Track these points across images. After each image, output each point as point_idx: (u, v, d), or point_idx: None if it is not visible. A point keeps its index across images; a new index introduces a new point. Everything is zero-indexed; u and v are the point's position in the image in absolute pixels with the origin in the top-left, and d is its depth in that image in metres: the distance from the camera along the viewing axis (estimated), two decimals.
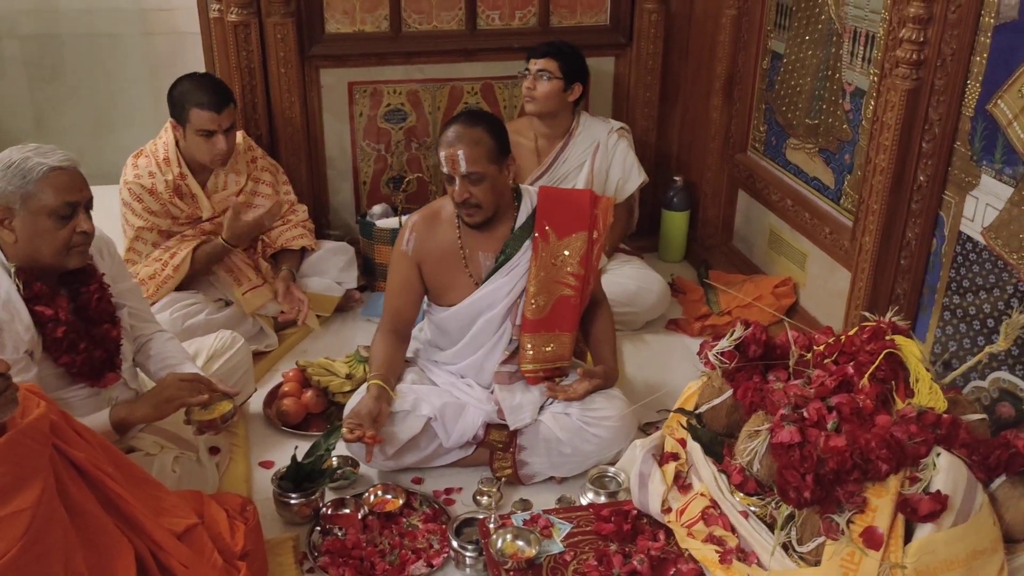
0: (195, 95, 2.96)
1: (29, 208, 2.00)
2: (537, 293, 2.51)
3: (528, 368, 2.54)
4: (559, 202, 2.58)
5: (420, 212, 2.65)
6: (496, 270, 2.53)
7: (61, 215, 2.02)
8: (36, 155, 2.01)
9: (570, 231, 2.53)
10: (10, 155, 2.02)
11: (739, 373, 2.09)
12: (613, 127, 3.42)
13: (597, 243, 2.56)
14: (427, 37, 3.61)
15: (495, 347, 2.58)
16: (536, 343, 2.53)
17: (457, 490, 2.51)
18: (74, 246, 2.06)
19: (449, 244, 2.57)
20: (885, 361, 1.91)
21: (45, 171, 1.99)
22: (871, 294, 2.71)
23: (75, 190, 2.04)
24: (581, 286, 2.54)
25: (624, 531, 2.17)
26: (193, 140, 3.00)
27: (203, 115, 2.95)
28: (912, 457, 1.76)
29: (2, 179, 1.99)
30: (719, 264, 3.70)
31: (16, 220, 2.01)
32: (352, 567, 2.20)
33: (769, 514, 1.89)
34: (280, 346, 3.19)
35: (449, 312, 2.59)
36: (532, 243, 2.52)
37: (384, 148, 3.75)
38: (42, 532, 1.60)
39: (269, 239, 3.31)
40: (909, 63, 2.48)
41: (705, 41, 3.66)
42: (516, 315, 2.54)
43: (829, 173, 3.09)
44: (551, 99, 3.28)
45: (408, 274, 2.59)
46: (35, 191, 1.99)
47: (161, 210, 3.07)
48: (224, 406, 2.28)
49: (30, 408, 1.72)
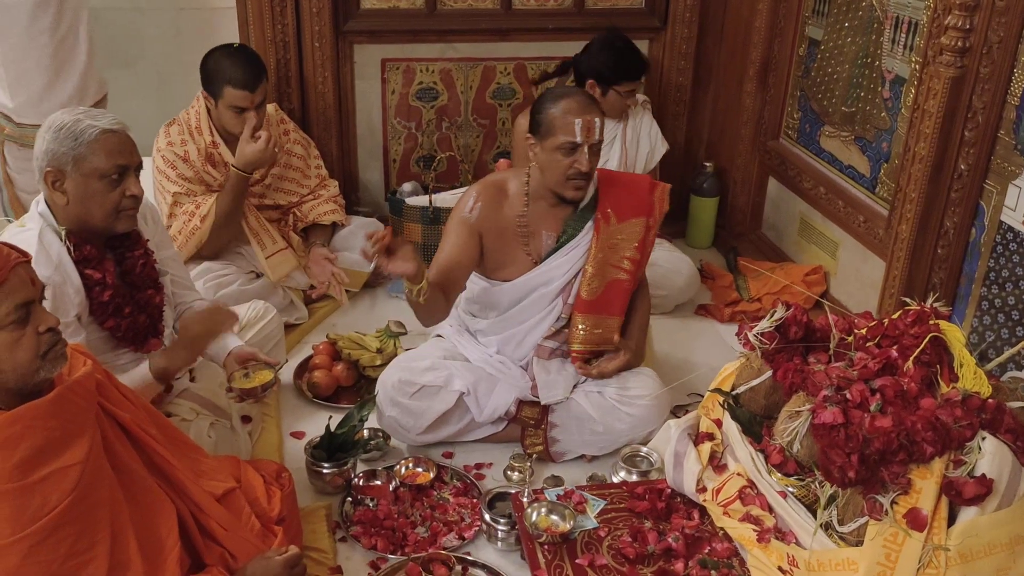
0: (229, 72, 2.95)
1: (80, 170, 2.01)
2: (594, 275, 2.49)
3: (577, 348, 2.53)
4: (620, 186, 2.56)
5: (484, 182, 2.55)
6: (556, 249, 2.50)
7: (111, 177, 2.02)
8: (87, 118, 2.02)
9: (629, 216, 2.51)
10: (61, 118, 2.03)
11: (779, 354, 2.08)
12: (637, 100, 3.41)
13: (652, 230, 2.55)
14: (462, 15, 3.60)
15: (541, 322, 2.55)
16: (588, 324, 2.51)
17: (488, 465, 2.52)
18: (123, 209, 2.07)
19: (513, 219, 2.50)
20: (930, 345, 1.90)
21: (96, 134, 2.00)
22: (906, 283, 2.70)
23: (125, 153, 2.04)
24: (635, 271, 2.54)
25: (658, 509, 2.18)
26: (225, 114, 3.00)
27: (236, 94, 2.95)
28: (957, 440, 1.75)
29: (54, 141, 2.00)
30: (747, 251, 3.69)
31: (68, 182, 2.02)
32: (384, 537, 2.22)
33: (811, 494, 1.89)
34: (310, 319, 3.20)
35: (503, 287, 2.54)
36: (594, 224, 2.49)
37: (415, 126, 3.74)
38: (91, 487, 1.61)
39: (300, 213, 3.32)
40: (954, 50, 2.46)
41: (740, 26, 3.64)
42: (569, 293, 2.52)
43: (865, 161, 3.07)
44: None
45: (468, 240, 2.45)
46: (86, 153, 2.00)
47: (195, 177, 3.07)
48: (265, 375, 2.30)
49: (77, 366, 1.74)
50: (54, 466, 1.57)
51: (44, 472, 1.56)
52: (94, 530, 1.61)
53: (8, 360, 1.56)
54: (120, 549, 1.64)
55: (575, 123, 2.33)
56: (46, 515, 1.54)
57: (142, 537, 1.70)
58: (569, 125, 2.33)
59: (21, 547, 1.51)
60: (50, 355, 1.62)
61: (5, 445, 1.52)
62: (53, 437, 1.58)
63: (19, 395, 1.59)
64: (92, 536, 1.60)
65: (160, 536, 1.74)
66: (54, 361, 1.63)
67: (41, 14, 2.98)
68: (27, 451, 1.54)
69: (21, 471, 1.52)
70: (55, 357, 1.63)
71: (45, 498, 1.55)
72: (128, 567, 1.64)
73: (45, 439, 1.57)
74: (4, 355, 1.56)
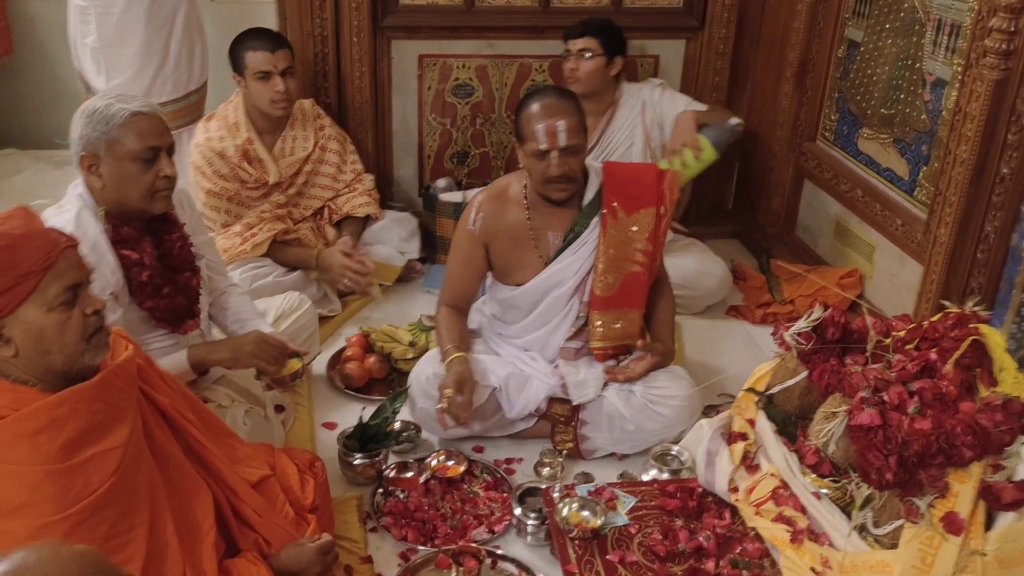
0: (249, 41, 3.06)
1: (114, 153, 2.04)
2: (606, 271, 2.49)
3: (597, 346, 2.53)
4: (625, 178, 2.54)
5: (486, 191, 2.61)
6: (564, 248, 2.51)
7: (144, 159, 2.05)
8: (118, 102, 2.06)
9: (638, 207, 2.50)
10: (94, 103, 2.07)
11: (815, 355, 2.07)
12: (654, 84, 3.40)
13: (664, 218, 2.53)
14: (500, 12, 3.61)
15: (561, 323, 2.56)
16: (606, 320, 2.52)
17: (518, 460, 2.52)
18: (158, 190, 2.10)
19: (517, 223, 2.53)
20: (969, 348, 1.89)
21: (127, 116, 2.03)
22: (944, 287, 2.67)
23: (156, 134, 2.07)
24: (649, 262, 2.53)
25: (689, 507, 2.17)
26: (253, 87, 3.05)
27: (257, 56, 3.02)
28: (996, 445, 1.74)
29: (87, 126, 2.04)
30: (781, 254, 3.67)
31: (102, 166, 2.06)
32: (415, 528, 2.23)
33: (848, 495, 1.88)
34: (343, 312, 3.22)
35: (517, 291, 2.56)
36: (600, 220, 2.49)
37: (450, 122, 3.76)
38: (131, 470, 1.64)
39: (335, 206, 3.34)
40: (998, 53, 2.43)
41: (778, 27, 3.62)
42: (584, 292, 2.52)
43: (903, 164, 3.04)
44: (595, 77, 3.26)
45: (473, 252, 2.56)
46: (118, 136, 2.03)
47: (230, 173, 3.11)
48: (294, 364, 2.33)
49: (119, 351, 1.76)
50: (97, 448, 1.59)
51: (88, 454, 1.58)
52: (133, 512, 1.63)
53: (56, 341, 1.59)
54: (158, 532, 1.67)
55: (537, 129, 2.35)
56: (88, 496, 1.56)
57: (179, 521, 1.72)
58: (534, 131, 2.36)
59: (64, 527, 1.53)
60: (94, 339, 1.64)
61: (52, 426, 1.55)
62: (97, 420, 1.61)
63: (65, 379, 1.62)
64: (131, 518, 1.62)
65: (197, 520, 1.76)
66: (97, 347, 1.66)
67: (136, 3, 3.11)
68: (72, 432, 1.56)
69: (66, 452, 1.55)
70: (99, 344, 1.66)
71: (88, 479, 1.57)
72: (165, 550, 1.66)
73: (89, 422, 1.60)
74: (53, 336, 1.59)
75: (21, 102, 4.63)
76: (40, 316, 1.57)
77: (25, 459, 1.53)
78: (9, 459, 1.53)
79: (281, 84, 3.04)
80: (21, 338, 1.57)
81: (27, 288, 1.55)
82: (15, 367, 1.59)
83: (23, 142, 4.65)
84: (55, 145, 4.67)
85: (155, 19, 3.21)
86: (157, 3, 3.19)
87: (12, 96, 4.62)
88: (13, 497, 1.52)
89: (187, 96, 3.42)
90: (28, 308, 1.56)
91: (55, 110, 4.63)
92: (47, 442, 1.54)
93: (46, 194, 4.12)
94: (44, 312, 1.57)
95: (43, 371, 1.61)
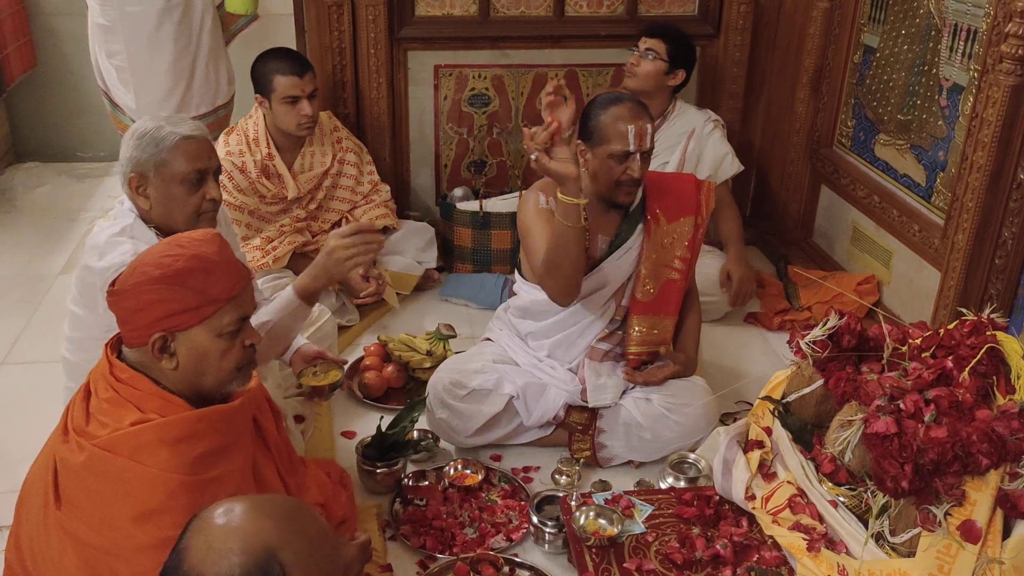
0: (277, 64, 3.07)
1: (162, 175, 2.07)
2: (648, 276, 2.50)
3: (633, 350, 2.55)
4: (666, 186, 2.57)
5: (541, 182, 2.52)
6: (610, 253, 2.51)
7: (191, 182, 2.08)
8: (168, 124, 2.09)
9: (678, 215, 2.52)
10: (144, 125, 2.10)
11: (831, 363, 2.07)
12: (710, 116, 3.42)
13: (701, 228, 2.56)
14: (515, 22, 3.63)
15: (594, 323, 2.55)
16: (645, 326, 2.53)
17: (535, 469, 2.54)
18: (204, 212, 2.13)
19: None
20: (986, 356, 1.88)
21: (177, 140, 2.06)
22: (962, 294, 2.66)
23: (204, 157, 2.11)
24: (686, 270, 2.55)
25: (706, 515, 2.18)
26: (279, 109, 3.08)
27: (286, 80, 3.05)
28: (1013, 453, 1.73)
29: (136, 148, 2.07)
30: (798, 260, 3.66)
31: (150, 187, 2.09)
32: (433, 537, 2.24)
33: (864, 502, 1.88)
34: (361, 322, 3.25)
35: None
36: (644, 226, 2.51)
37: (466, 132, 3.78)
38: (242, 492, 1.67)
39: (353, 217, 3.37)
40: (1014, 59, 2.43)
41: (794, 34, 3.62)
42: (623, 296, 2.53)
43: (920, 170, 3.04)
44: (650, 79, 3.28)
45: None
46: (167, 159, 2.06)
47: (249, 188, 3.14)
48: (334, 374, 2.35)
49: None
50: (222, 468, 1.65)
51: (215, 472, 1.64)
52: None
53: (214, 365, 1.66)
54: None
55: (628, 130, 2.34)
56: None
57: None
58: (622, 133, 2.34)
59: None
60: (244, 370, 1.72)
61: (190, 438, 1.61)
62: (226, 442, 1.67)
63: (202, 399, 1.69)
64: None
65: None
66: (244, 378, 1.73)
67: (166, 23, 3.25)
68: (205, 448, 1.63)
69: (199, 466, 1.61)
70: (245, 376, 1.73)
71: (214, 496, 1.58)
72: None
73: (220, 442, 1.66)
74: (213, 360, 1.66)
75: (44, 115, 4.71)
76: (208, 340, 1.64)
77: (165, 464, 1.58)
78: (149, 462, 1.58)
79: (308, 108, 3.08)
80: (185, 355, 1.64)
81: (208, 312, 1.63)
82: (169, 378, 1.67)
83: (46, 155, 4.72)
84: (77, 158, 4.75)
85: (183, 37, 3.28)
86: (185, 22, 3.25)
87: (35, 109, 4.69)
88: (150, 500, 1.57)
89: (215, 111, 3.48)
90: (200, 330, 1.64)
91: (78, 123, 4.71)
92: (186, 452, 1.60)
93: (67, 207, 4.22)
94: (213, 337, 1.65)
95: (191, 387, 1.68)
